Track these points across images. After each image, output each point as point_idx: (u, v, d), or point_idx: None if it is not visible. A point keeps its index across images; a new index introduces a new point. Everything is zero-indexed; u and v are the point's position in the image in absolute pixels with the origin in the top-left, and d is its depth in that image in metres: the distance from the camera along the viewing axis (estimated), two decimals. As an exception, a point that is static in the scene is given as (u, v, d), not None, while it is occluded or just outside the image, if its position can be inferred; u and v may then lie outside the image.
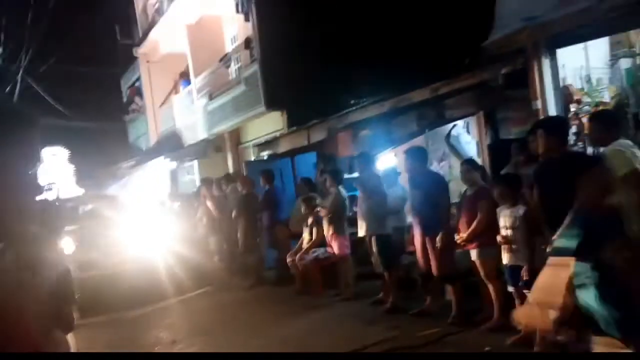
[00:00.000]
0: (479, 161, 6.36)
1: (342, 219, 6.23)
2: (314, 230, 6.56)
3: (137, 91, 19.14)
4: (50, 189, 13.66)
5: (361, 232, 5.71)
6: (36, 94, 13.82)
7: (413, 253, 5.27)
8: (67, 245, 6.90)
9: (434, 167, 7.27)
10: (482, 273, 4.36)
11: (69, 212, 8.77)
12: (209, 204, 8.65)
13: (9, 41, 11.17)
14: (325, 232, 6.34)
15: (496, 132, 6.09)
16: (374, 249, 5.53)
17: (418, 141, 6.86)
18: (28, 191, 0.90)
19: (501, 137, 5.97)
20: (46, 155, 14.52)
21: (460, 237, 4.52)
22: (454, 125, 6.87)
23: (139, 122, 19.43)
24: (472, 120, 6.64)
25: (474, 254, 4.44)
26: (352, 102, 6.98)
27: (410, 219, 5.33)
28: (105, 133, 20.21)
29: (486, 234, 4.24)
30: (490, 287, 4.30)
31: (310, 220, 6.68)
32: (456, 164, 7.46)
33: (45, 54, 13.67)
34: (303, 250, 6.63)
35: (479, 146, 6.51)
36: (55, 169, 14.70)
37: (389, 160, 7.06)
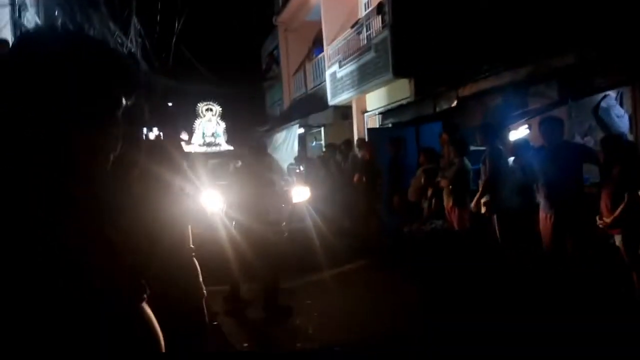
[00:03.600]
0: (631, 138, 5.61)
1: (464, 192, 5.98)
2: (434, 201, 6.41)
3: (275, 59, 20.13)
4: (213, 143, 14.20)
5: (483, 208, 5.43)
6: (189, 61, 15.25)
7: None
8: (216, 200, 6.61)
9: (577, 141, 6.58)
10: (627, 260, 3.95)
11: (219, 166, 8.80)
12: (332, 167, 8.92)
13: (163, 10, 12.44)
14: (445, 204, 6.15)
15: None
16: (496, 227, 5.27)
17: (559, 113, 6.21)
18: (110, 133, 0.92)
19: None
20: (202, 108, 15.37)
21: (602, 221, 4.11)
22: (605, 96, 6.07)
23: (276, 88, 20.51)
24: (625, 91, 5.81)
25: (617, 240, 4.06)
26: (484, 68, 6.52)
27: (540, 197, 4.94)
28: (245, 98, 21.67)
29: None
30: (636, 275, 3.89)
31: (430, 191, 6.53)
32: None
33: (195, 23, 15.00)
34: (421, 220, 6.53)
35: (632, 120, 5.70)
36: (211, 123, 15.23)
37: (521, 133, 6.53)
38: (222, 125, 15.43)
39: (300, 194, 8.14)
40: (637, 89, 5.36)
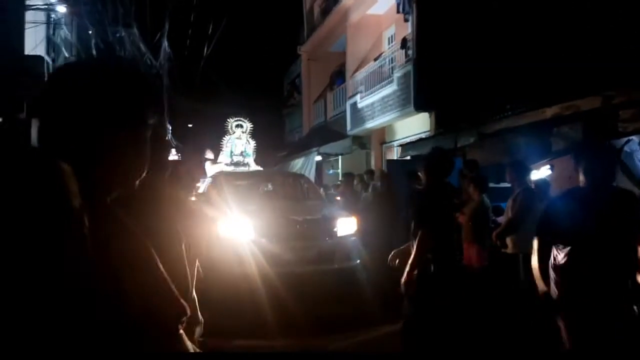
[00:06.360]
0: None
1: (483, 229, 5.91)
2: (456, 236, 6.33)
3: (296, 87, 20.45)
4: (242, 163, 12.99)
5: (510, 248, 5.35)
6: (213, 84, 15.32)
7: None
8: (245, 228, 5.81)
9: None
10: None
11: (248, 188, 7.85)
12: (348, 197, 8.91)
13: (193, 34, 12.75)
14: (463, 240, 6.08)
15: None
16: (521, 268, 5.16)
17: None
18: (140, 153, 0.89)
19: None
20: (232, 124, 13.92)
21: None
22: (628, 140, 6.03)
23: (295, 115, 20.75)
24: (652, 137, 5.75)
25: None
26: (507, 107, 6.54)
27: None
28: (265, 123, 21.88)
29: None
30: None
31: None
32: (626, 184, 6.57)
33: (223, 48, 15.23)
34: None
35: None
36: (241, 140, 13.75)
37: (542, 173, 6.48)
38: (252, 143, 13.92)
39: (347, 225, 6.71)
40: (664, 135, 5.30)
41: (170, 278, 1.07)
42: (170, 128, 12.08)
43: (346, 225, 6.63)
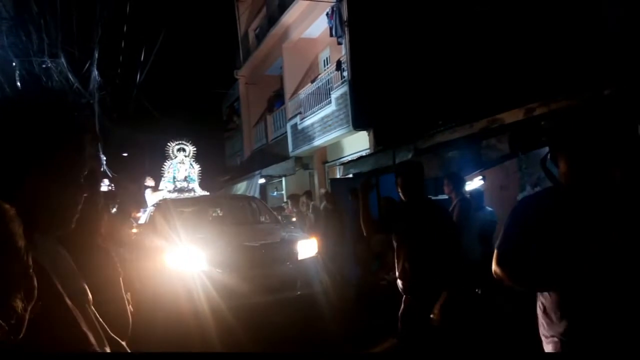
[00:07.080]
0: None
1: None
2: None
3: (235, 110, 20.34)
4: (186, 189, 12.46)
5: None
6: (150, 110, 14.95)
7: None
8: (195, 259, 5.49)
9: (527, 192, 6.92)
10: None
11: (196, 214, 7.53)
12: (293, 219, 8.92)
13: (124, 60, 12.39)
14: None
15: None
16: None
17: (510, 164, 6.56)
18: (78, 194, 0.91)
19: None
20: (174, 148, 13.12)
21: None
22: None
23: (236, 139, 20.59)
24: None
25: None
26: (440, 122, 6.85)
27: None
28: (205, 148, 21.50)
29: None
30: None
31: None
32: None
33: (159, 74, 14.90)
34: (385, 270, 6.57)
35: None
36: (184, 165, 13.02)
37: (476, 183, 6.80)
38: (196, 168, 13.07)
39: (308, 247, 6.46)
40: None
41: (108, 317, 1.03)
42: (105, 158, 11.54)
43: (307, 247, 6.34)
